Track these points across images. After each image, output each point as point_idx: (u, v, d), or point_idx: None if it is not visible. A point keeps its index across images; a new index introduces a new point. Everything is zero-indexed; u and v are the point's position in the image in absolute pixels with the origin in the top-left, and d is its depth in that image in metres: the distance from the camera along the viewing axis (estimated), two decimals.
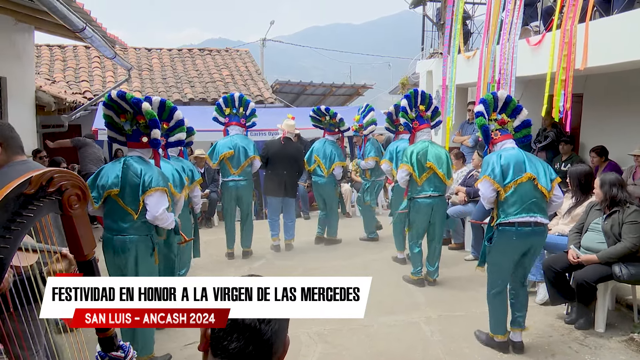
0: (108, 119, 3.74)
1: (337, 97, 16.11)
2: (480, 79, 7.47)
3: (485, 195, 4.01)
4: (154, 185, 3.54)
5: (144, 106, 3.57)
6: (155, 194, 3.55)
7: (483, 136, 4.20)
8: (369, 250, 7.06)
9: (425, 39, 10.96)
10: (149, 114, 3.61)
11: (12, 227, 1.10)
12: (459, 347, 4.20)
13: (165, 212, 3.61)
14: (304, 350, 4.17)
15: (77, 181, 1.26)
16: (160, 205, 3.57)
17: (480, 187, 4.05)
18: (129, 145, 3.76)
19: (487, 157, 4.14)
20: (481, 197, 4.10)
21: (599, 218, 4.48)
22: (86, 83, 11.57)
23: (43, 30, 8.02)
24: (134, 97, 3.61)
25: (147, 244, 3.67)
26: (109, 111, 3.72)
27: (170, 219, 3.70)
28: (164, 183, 3.65)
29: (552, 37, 5.96)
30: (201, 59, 14.26)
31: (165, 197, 3.63)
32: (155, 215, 3.57)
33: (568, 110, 5.66)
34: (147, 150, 3.79)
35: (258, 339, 1.11)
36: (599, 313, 4.43)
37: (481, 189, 4.04)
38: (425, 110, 5.69)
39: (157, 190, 3.54)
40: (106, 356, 1.47)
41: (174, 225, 3.85)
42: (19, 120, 7.67)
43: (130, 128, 3.71)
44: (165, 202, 3.61)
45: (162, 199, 3.59)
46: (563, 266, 4.52)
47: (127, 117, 3.69)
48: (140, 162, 3.66)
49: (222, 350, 1.12)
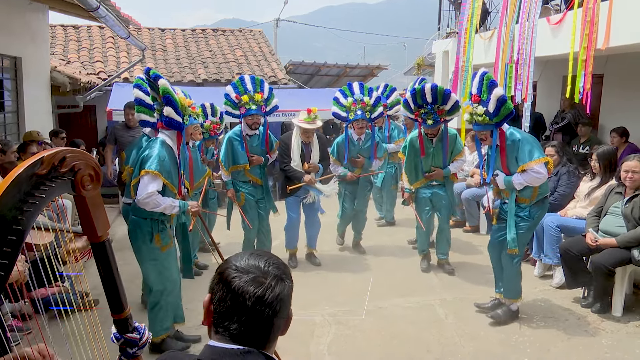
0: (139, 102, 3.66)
1: (351, 78, 15.92)
2: (498, 60, 7.32)
3: (545, 175, 4.00)
4: (145, 168, 3.40)
5: (160, 82, 3.42)
6: (145, 176, 3.40)
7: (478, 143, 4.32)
8: (383, 233, 7.03)
9: (442, 18, 10.75)
10: (163, 90, 3.41)
11: (25, 208, 1.08)
12: (474, 329, 4.18)
13: (150, 196, 3.39)
14: (318, 331, 4.19)
15: (90, 161, 1.23)
16: (145, 189, 3.38)
17: (541, 170, 3.96)
18: (157, 126, 3.64)
19: (527, 138, 4.06)
20: (540, 178, 3.97)
21: (619, 202, 4.39)
22: (100, 63, 11.57)
23: (57, 9, 8.00)
24: (155, 73, 3.50)
25: (145, 228, 3.55)
26: (139, 92, 3.64)
27: (158, 205, 3.43)
28: (159, 167, 3.42)
29: (573, 16, 5.79)
30: (215, 40, 14.17)
31: (155, 181, 3.41)
32: (138, 199, 3.42)
33: (588, 91, 5.52)
34: (172, 133, 3.60)
35: (260, 320, 1.13)
36: (617, 297, 4.37)
37: (542, 170, 3.96)
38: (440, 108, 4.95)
39: (147, 173, 3.39)
40: (122, 338, 1.47)
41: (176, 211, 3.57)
42: (35, 101, 7.73)
43: (159, 108, 3.57)
44: (153, 187, 3.40)
45: (150, 183, 3.40)
46: (580, 250, 4.45)
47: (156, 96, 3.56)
48: (154, 144, 3.53)
49: (224, 329, 1.14)
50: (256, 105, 5.13)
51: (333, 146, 5.89)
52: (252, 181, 5.44)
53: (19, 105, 7.37)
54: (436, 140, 5.19)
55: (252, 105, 5.11)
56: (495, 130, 4.05)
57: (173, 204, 3.53)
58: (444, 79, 9.88)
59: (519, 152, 4.01)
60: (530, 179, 3.98)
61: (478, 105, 4.01)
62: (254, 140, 5.37)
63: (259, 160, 5.38)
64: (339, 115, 5.68)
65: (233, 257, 1.21)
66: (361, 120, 5.56)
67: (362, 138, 5.79)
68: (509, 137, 4.07)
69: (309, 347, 3.92)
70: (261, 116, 5.25)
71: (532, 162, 3.94)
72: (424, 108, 4.92)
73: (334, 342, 4.02)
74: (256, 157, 5.34)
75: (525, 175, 3.99)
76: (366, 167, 5.88)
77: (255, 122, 5.23)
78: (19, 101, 7.36)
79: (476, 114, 4.02)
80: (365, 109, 5.57)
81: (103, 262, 1.38)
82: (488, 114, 3.96)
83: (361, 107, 5.54)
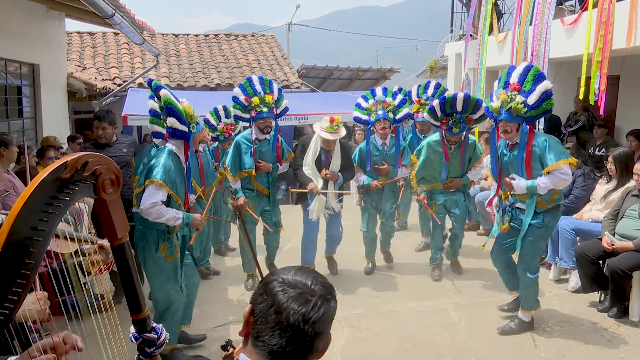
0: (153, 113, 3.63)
1: (364, 82, 15.97)
2: (512, 61, 7.29)
3: (571, 177, 3.89)
4: (151, 177, 3.39)
5: (161, 92, 3.40)
6: (150, 186, 3.38)
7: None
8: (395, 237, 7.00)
9: (454, 20, 10.73)
10: (164, 100, 3.38)
11: (50, 211, 1.12)
12: (487, 333, 4.16)
13: (154, 206, 3.36)
14: (332, 333, 4.18)
15: (111, 166, 1.27)
16: (149, 199, 3.36)
17: (568, 170, 3.80)
18: (165, 136, 3.59)
19: (553, 138, 3.92)
20: (567, 179, 3.82)
21: (636, 204, 4.34)
22: (115, 69, 11.74)
23: (73, 17, 8.15)
24: (157, 84, 3.50)
25: (151, 238, 3.53)
26: (153, 104, 3.61)
27: (161, 215, 3.41)
28: (164, 177, 3.39)
29: (588, 17, 5.75)
30: (227, 44, 14.30)
31: (160, 191, 3.39)
32: (141, 208, 3.39)
33: (603, 92, 5.48)
34: (178, 142, 3.57)
35: (300, 339, 1.10)
36: (634, 302, 4.31)
37: (569, 171, 3.80)
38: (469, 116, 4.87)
39: (151, 182, 3.37)
40: (140, 337, 1.50)
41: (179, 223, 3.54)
42: (52, 106, 7.87)
43: (164, 119, 3.53)
44: (157, 197, 3.37)
45: (155, 193, 3.37)
46: (596, 253, 4.40)
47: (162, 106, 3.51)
48: (161, 154, 3.51)
49: (263, 344, 1.11)
50: (267, 108, 4.84)
51: (355, 153, 5.45)
52: (258, 190, 5.07)
53: (37, 111, 7.51)
54: (455, 147, 5.06)
55: (263, 108, 4.81)
56: (524, 125, 3.82)
57: (177, 215, 3.48)
58: (457, 82, 9.87)
59: (546, 153, 3.80)
60: (556, 180, 3.79)
61: (517, 94, 3.73)
62: (264, 145, 5.03)
63: (267, 167, 4.99)
64: (360, 119, 5.35)
65: (280, 270, 1.19)
66: (383, 120, 5.16)
67: (386, 143, 5.37)
68: (536, 137, 3.87)
69: None
70: (273, 119, 4.94)
71: (560, 161, 3.75)
72: (452, 117, 4.78)
73: (346, 345, 4.03)
74: (264, 164, 4.97)
75: (551, 176, 3.79)
76: (391, 175, 5.41)
77: (268, 126, 4.92)
78: (37, 107, 7.50)
79: (513, 100, 3.72)
80: (387, 109, 5.21)
81: (122, 264, 1.41)
82: (525, 105, 3.70)
83: (382, 107, 5.21)
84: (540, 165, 3.85)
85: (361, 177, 5.39)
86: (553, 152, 3.77)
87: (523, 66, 3.79)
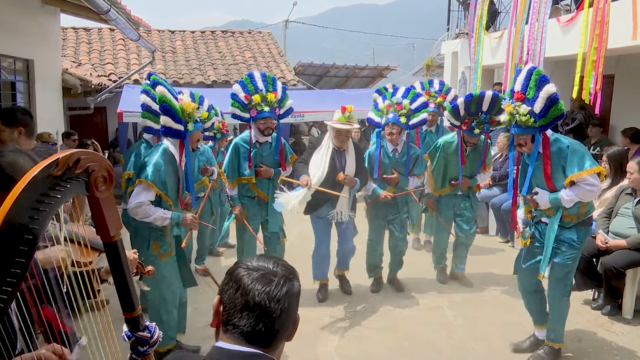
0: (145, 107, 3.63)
1: (360, 79, 15.97)
2: (508, 60, 7.30)
3: (600, 188, 3.45)
4: (141, 176, 3.37)
5: (157, 89, 3.37)
6: (138, 185, 3.36)
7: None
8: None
9: (451, 18, 10.74)
10: (159, 97, 3.33)
11: (40, 209, 1.11)
12: (482, 331, 4.17)
13: (140, 206, 3.33)
14: (327, 332, 4.20)
15: (104, 163, 1.26)
16: (136, 198, 3.34)
17: (595, 181, 3.34)
18: (162, 134, 3.55)
19: (575, 144, 3.44)
20: (595, 191, 3.37)
21: (630, 203, 4.37)
22: (111, 65, 11.69)
23: (68, 12, 8.10)
24: (155, 79, 3.48)
25: (144, 234, 3.52)
26: (146, 98, 3.60)
27: (148, 215, 3.36)
28: (153, 177, 3.34)
29: (584, 16, 5.76)
30: (224, 41, 14.25)
31: (147, 191, 3.35)
32: (128, 207, 3.38)
33: (598, 91, 5.49)
34: (174, 140, 3.50)
35: (268, 317, 1.15)
36: (627, 299, 4.34)
37: (596, 182, 3.35)
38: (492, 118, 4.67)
39: (140, 182, 3.35)
40: (133, 336, 1.49)
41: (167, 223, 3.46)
42: (46, 103, 7.82)
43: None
44: (144, 197, 3.34)
45: (142, 193, 3.34)
46: (590, 251, 4.42)
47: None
48: (155, 151, 3.47)
49: (233, 327, 1.16)
50: (269, 107, 4.37)
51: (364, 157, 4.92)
52: (258, 197, 4.59)
53: (31, 107, 7.46)
54: (471, 149, 4.88)
55: (264, 107, 4.35)
56: (538, 135, 3.43)
57: (164, 216, 3.41)
58: (453, 80, 9.87)
59: (568, 161, 3.38)
60: (582, 192, 3.35)
61: (521, 104, 3.41)
62: (264, 148, 4.54)
63: (268, 172, 4.51)
64: (373, 121, 4.91)
65: (243, 259, 1.26)
66: (391, 124, 4.68)
67: (398, 150, 4.84)
68: (553, 144, 3.45)
69: (317, 349, 3.93)
70: (275, 120, 4.48)
71: (583, 172, 3.31)
72: (477, 117, 4.57)
73: (342, 343, 4.03)
74: (265, 168, 4.50)
75: (576, 188, 3.37)
76: (401, 185, 4.90)
77: (269, 127, 4.43)
78: (31, 103, 7.46)
79: (518, 113, 3.41)
80: (400, 112, 4.68)
81: (115, 262, 1.40)
82: (533, 115, 3.35)
83: (395, 110, 4.70)
84: (564, 175, 3.44)
85: (370, 185, 4.85)
86: (576, 161, 3.36)
87: (526, 70, 3.47)
